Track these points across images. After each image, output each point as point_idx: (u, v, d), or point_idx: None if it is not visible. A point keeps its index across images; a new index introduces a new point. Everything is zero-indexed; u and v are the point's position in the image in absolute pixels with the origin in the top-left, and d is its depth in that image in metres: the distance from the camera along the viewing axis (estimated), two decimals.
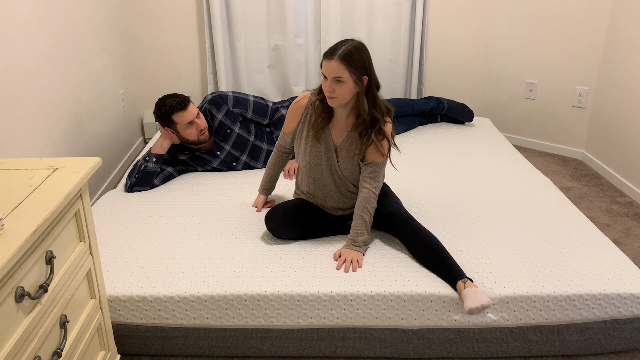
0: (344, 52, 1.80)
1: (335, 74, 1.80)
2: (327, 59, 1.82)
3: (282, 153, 2.19)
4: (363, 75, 1.83)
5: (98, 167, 1.75)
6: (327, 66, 1.82)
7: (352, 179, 2.02)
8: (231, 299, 1.76)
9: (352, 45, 1.82)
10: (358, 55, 1.81)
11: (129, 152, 3.51)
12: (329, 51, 1.82)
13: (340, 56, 1.79)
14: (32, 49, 2.25)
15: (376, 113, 1.89)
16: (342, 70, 1.79)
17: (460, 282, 1.74)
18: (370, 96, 1.88)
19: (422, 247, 1.88)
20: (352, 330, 1.81)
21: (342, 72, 1.80)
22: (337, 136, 1.98)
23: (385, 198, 2.06)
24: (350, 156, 1.97)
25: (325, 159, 2.00)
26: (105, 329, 1.60)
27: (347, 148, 1.97)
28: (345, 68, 1.79)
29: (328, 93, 1.84)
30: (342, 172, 2.00)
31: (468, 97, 3.82)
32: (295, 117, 2.04)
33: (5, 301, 1.08)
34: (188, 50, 3.74)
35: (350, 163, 1.98)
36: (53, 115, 2.43)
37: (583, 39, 3.33)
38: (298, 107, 2.03)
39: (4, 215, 1.17)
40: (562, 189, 3.06)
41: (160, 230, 2.12)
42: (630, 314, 1.78)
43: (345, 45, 1.81)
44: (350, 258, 1.87)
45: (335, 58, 1.79)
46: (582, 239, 2.02)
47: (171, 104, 2.46)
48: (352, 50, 1.81)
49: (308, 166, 2.02)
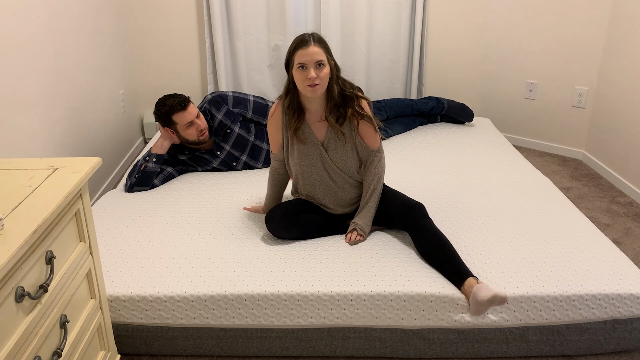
0: (317, 37, 1.88)
1: (317, 58, 1.84)
2: (304, 46, 1.84)
3: (279, 174, 2.15)
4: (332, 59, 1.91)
5: (98, 167, 1.75)
6: (306, 53, 1.84)
7: (348, 170, 2.02)
8: (231, 299, 1.76)
9: (317, 34, 1.90)
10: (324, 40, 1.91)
11: (129, 152, 3.52)
12: (302, 41, 1.86)
13: (316, 40, 1.86)
14: (32, 49, 2.25)
15: (348, 90, 1.95)
16: (321, 53, 1.85)
17: (472, 279, 1.74)
18: (336, 78, 1.94)
19: (435, 244, 1.87)
20: (352, 330, 1.81)
21: (322, 55, 1.86)
22: (319, 131, 2.00)
23: (396, 193, 2.08)
24: (340, 146, 1.98)
25: (315, 157, 2.00)
26: (105, 329, 1.60)
27: (334, 139, 1.98)
28: (323, 51, 1.86)
29: (311, 81, 1.85)
30: (335, 164, 2.00)
31: (468, 97, 3.82)
32: (276, 131, 2.05)
33: (5, 301, 1.08)
34: (188, 50, 3.74)
35: (342, 152, 1.99)
36: (53, 115, 2.43)
37: (583, 39, 3.33)
38: (275, 120, 2.03)
39: (4, 215, 1.17)
40: (562, 189, 3.06)
41: (160, 230, 2.12)
42: (630, 314, 1.78)
43: (311, 33, 1.89)
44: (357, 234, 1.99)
45: (313, 43, 1.85)
46: (582, 239, 2.02)
47: (171, 104, 2.46)
48: (319, 36, 1.89)
49: (302, 169, 2.03)
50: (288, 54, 1.90)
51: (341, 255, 1.93)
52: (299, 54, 1.84)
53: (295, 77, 1.88)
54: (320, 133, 1.99)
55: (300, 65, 1.85)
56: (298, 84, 1.89)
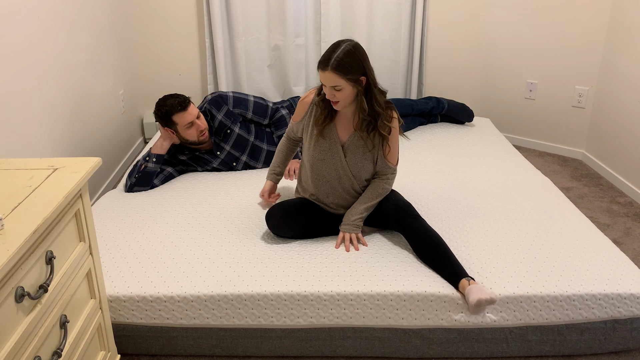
0: (335, 61, 1.79)
1: (331, 84, 1.82)
2: (322, 69, 1.82)
3: (291, 139, 2.22)
4: (360, 77, 1.84)
5: (98, 167, 1.75)
6: (322, 77, 1.83)
7: (359, 177, 2.02)
8: (231, 299, 1.76)
9: (344, 51, 1.80)
10: (351, 60, 1.80)
11: (129, 152, 3.52)
12: (323, 60, 1.81)
13: (333, 67, 1.79)
14: (32, 49, 2.25)
15: (377, 108, 1.90)
16: (337, 79, 1.80)
17: (465, 280, 1.75)
18: (369, 94, 1.88)
19: (428, 244, 1.87)
20: (352, 330, 1.81)
21: (337, 81, 1.81)
22: (344, 133, 1.99)
23: (392, 195, 2.07)
24: (360, 153, 1.98)
25: (329, 154, 2.00)
26: (105, 329, 1.60)
27: (356, 144, 1.98)
28: (340, 77, 1.80)
29: (330, 98, 1.87)
30: (350, 168, 2.01)
31: (468, 97, 3.82)
32: (302, 112, 2.07)
33: (5, 301, 1.08)
34: (188, 50, 3.74)
35: (360, 159, 1.99)
36: (53, 115, 2.43)
37: (583, 39, 3.33)
38: (304, 104, 2.06)
39: (4, 215, 1.17)
40: (562, 189, 3.06)
41: (160, 230, 2.12)
42: (630, 314, 1.78)
43: (337, 52, 1.80)
44: (349, 236, 1.97)
45: (328, 69, 1.79)
46: (582, 239, 2.02)
47: (172, 104, 2.46)
48: (344, 57, 1.79)
49: (312, 160, 2.03)
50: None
51: (341, 255, 1.93)
52: (319, 72, 1.84)
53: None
54: (344, 134, 1.99)
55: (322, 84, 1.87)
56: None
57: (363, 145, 1.97)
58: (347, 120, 1.98)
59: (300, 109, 2.08)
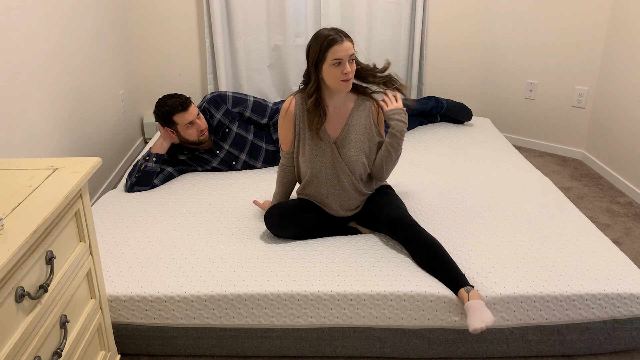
0: (344, 32, 1.91)
1: (351, 52, 1.89)
2: (340, 42, 1.86)
3: (288, 172, 2.14)
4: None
5: (98, 167, 1.75)
6: (342, 49, 1.85)
7: (357, 171, 2.02)
8: (231, 299, 1.76)
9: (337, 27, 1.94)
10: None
11: (129, 152, 3.52)
12: (336, 35, 1.87)
13: (346, 35, 1.90)
14: (32, 49, 2.25)
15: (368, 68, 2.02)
16: (352, 47, 1.90)
17: (463, 291, 1.72)
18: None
19: (425, 253, 1.86)
20: (352, 330, 1.81)
21: (353, 49, 1.90)
22: (332, 129, 2.01)
23: (388, 202, 2.06)
24: (352, 147, 1.99)
25: (326, 154, 2.01)
26: (105, 329, 1.60)
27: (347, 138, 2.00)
28: (352, 45, 1.90)
29: (347, 76, 1.89)
30: (346, 164, 2.01)
31: (468, 97, 3.82)
32: (289, 129, 2.04)
33: (5, 301, 1.08)
34: (188, 50, 3.74)
35: (354, 150, 2.00)
36: (53, 115, 2.43)
37: (583, 39, 3.33)
38: (289, 115, 2.02)
39: (4, 215, 1.17)
40: (562, 189, 3.06)
41: (160, 230, 2.12)
42: (630, 314, 1.78)
43: (336, 30, 1.91)
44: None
45: (345, 39, 1.88)
46: (582, 239, 2.02)
47: (172, 104, 2.46)
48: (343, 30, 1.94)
49: (311, 165, 2.03)
50: (317, 52, 1.88)
51: (341, 255, 1.93)
52: (334, 50, 1.85)
53: (329, 74, 1.89)
54: (334, 131, 2.01)
55: (337, 62, 1.86)
56: (331, 80, 1.90)
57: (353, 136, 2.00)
58: (335, 115, 2.00)
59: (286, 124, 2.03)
